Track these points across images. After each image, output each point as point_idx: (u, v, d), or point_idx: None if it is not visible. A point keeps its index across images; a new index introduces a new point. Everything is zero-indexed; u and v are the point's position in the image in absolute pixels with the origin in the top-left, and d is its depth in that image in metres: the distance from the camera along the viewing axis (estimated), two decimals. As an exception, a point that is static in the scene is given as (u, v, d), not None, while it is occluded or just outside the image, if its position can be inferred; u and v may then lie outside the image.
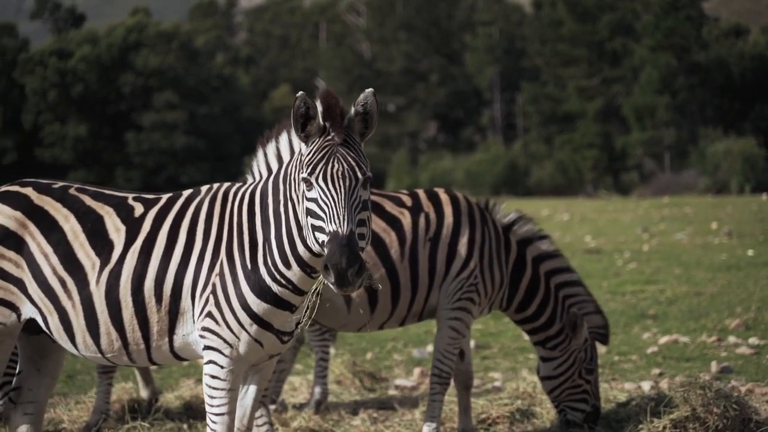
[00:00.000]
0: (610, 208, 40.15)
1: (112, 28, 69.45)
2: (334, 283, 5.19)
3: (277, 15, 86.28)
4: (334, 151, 5.46)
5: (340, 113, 5.53)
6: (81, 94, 65.42)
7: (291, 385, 10.46)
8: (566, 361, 8.25)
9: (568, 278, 8.35)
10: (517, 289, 8.19)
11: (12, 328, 6.13)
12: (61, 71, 65.08)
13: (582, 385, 8.30)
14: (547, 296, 8.24)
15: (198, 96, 67.22)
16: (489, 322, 14.49)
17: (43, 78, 65.01)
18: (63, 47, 66.81)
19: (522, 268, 8.19)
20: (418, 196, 8.08)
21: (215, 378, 5.85)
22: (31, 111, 65.54)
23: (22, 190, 6.23)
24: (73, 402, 9.57)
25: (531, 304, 8.22)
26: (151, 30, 68.53)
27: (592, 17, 62.40)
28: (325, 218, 5.31)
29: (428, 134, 77.36)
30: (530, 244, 8.27)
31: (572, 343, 8.24)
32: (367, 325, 7.91)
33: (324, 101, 5.55)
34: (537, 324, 8.28)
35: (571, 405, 8.33)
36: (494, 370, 11.20)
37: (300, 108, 5.49)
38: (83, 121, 65.25)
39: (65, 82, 65.16)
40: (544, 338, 8.31)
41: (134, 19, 70.30)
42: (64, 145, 64.58)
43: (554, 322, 8.27)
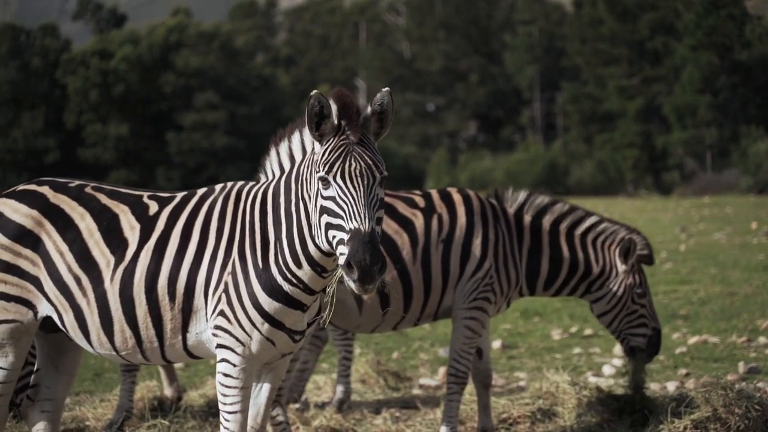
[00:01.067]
0: (650, 208, 39.93)
1: (153, 28, 69.90)
2: (357, 280, 5.19)
3: (317, 15, 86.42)
4: (351, 150, 5.47)
5: (356, 112, 5.55)
6: (122, 94, 65.85)
7: (315, 384, 10.48)
8: (616, 293, 8.23)
9: (590, 222, 8.33)
10: (538, 272, 8.17)
11: (29, 326, 6.18)
12: (102, 71, 65.54)
13: (637, 310, 8.29)
14: (574, 254, 8.22)
15: (238, 96, 67.47)
16: (518, 321, 14.49)
17: (85, 78, 65.50)
18: (104, 47, 67.29)
19: (538, 251, 8.16)
20: (431, 197, 8.06)
21: (228, 376, 5.88)
22: (73, 111, 66.08)
23: (39, 189, 6.28)
24: (98, 400, 9.64)
25: (557, 278, 8.21)
26: (191, 30, 68.90)
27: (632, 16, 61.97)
28: (345, 216, 5.32)
29: (468, 134, 77.24)
30: (545, 213, 8.25)
31: (618, 274, 8.22)
32: (380, 326, 7.90)
33: (339, 100, 5.56)
34: (572, 284, 8.28)
35: (632, 332, 8.33)
36: (520, 370, 11.19)
37: (315, 107, 5.50)
38: (124, 121, 65.67)
39: (107, 82, 65.60)
40: (587, 287, 8.30)
41: (175, 19, 70.72)
42: (106, 145, 65.01)
43: (591, 269, 8.25)
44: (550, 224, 8.23)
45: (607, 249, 8.28)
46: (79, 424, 8.93)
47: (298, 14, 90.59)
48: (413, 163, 67.81)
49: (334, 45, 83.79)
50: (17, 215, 6.16)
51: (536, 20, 74.23)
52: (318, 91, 5.57)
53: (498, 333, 13.63)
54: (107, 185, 6.38)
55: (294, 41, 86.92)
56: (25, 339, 6.23)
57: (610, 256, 8.26)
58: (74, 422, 8.97)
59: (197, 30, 69.10)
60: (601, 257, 8.27)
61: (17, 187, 6.41)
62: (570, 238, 8.25)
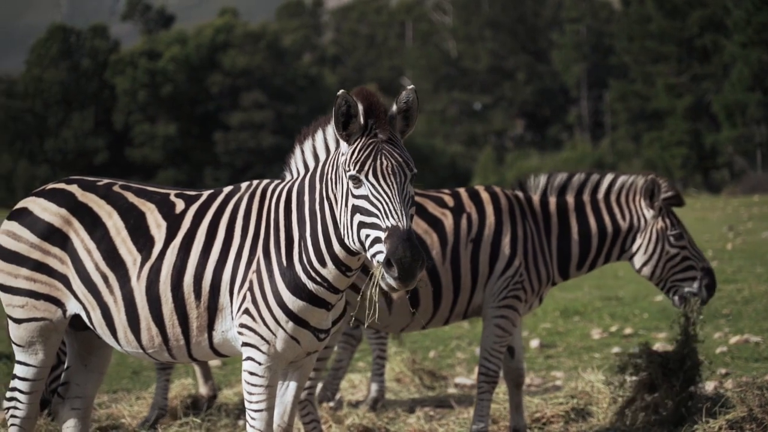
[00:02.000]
0: (698, 206, 39.59)
1: (201, 28, 70.29)
2: (397, 278, 5.17)
3: (364, 14, 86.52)
4: (380, 148, 5.47)
5: (383, 111, 5.54)
6: (170, 94, 66.29)
7: (350, 383, 10.48)
8: (649, 241, 8.08)
9: (608, 181, 8.22)
10: (569, 255, 8.09)
11: (58, 324, 6.22)
12: (150, 72, 66.02)
13: (678, 253, 8.09)
14: (601, 221, 8.11)
15: (285, 96, 67.69)
16: (558, 321, 14.41)
17: (133, 78, 66.00)
18: (152, 48, 67.81)
19: (567, 233, 8.09)
20: (460, 196, 8.02)
21: (253, 374, 5.87)
22: (121, 111, 66.63)
23: (68, 188, 6.32)
24: (134, 398, 9.69)
25: (589, 253, 8.11)
26: (238, 30, 69.23)
27: (681, 13, 61.46)
28: (380, 214, 5.31)
29: (515, 132, 77.00)
30: (567, 189, 8.19)
31: (647, 222, 8.09)
32: (409, 326, 7.88)
33: (365, 99, 5.55)
34: (604, 252, 8.16)
35: (679, 278, 8.13)
36: (557, 370, 11.12)
37: (342, 106, 5.49)
38: (172, 121, 66.11)
39: (155, 82, 66.09)
40: (620, 248, 8.17)
41: (222, 19, 71.07)
42: (154, 145, 65.48)
43: (620, 228, 8.13)
44: (573, 198, 8.16)
45: (631, 201, 8.15)
46: (114, 422, 8.99)
47: (344, 13, 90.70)
48: (460, 162, 67.73)
49: (381, 44, 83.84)
50: (46, 214, 6.20)
51: (584, 18, 73.80)
52: (344, 90, 5.54)
53: (537, 332, 13.57)
54: (135, 183, 6.40)
55: (340, 41, 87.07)
56: (54, 337, 6.27)
57: (636, 206, 8.14)
58: (109, 419, 9.03)
59: (244, 30, 69.41)
60: (627, 211, 8.14)
61: (47, 186, 6.45)
62: (595, 204, 8.15)
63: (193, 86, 67.42)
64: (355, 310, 6.90)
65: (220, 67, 67.48)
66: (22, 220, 6.24)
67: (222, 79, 67.23)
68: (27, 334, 6.23)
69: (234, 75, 67.31)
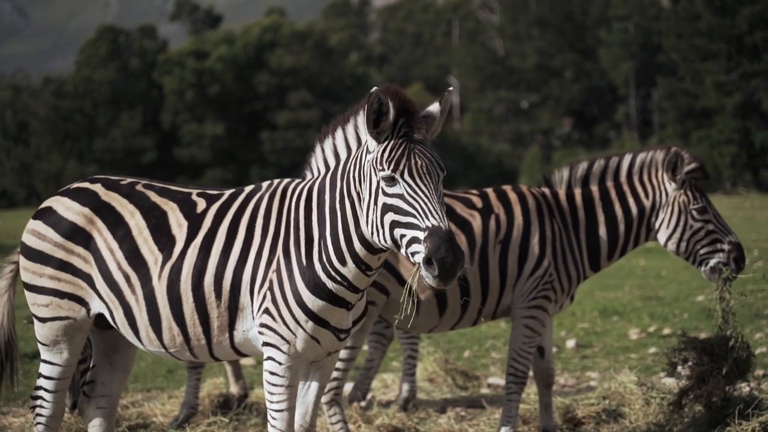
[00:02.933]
0: (747, 205, 39.21)
1: (248, 28, 70.57)
2: (438, 276, 5.16)
3: (411, 13, 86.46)
4: (412, 147, 5.46)
5: (415, 110, 5.53)
6: (217, 93, 66.58)
7: (383, 383, 10.45)
8: (671, 215, 7.93)
9: (627, 161, 8.09)
10: (599, 247, 7.97)
11: (82, 323, 6.24)
12: (198, 71, 66.36)
13: (702, 227, 7.90)
14: (625, 205, 7.99)
15: (331, 95, 67.79)
16: (596, 321, 14.30)
17: (181, 78, 66.38)
18: (200, 48, 68.14)
19: (594, 224, 7.99)
20: (488, 197, 7.95)
21: (274, 374, 5.85)
22: (169, 111, 67.05)
23: (92, 187, 6.35)
24: (167, 396, 9.72)
25: (617, 241, 7.98)
26: (285, 30, 69.41)
27: (730, 10, 60.83)
28: (418, 214, 5.29)
29: (562, 131, 76.59)
30: (589, 178, 8.09)
31: (668, 195, 7.94)
32: (437, 327, 7.84)
33: (396, 98, 5.52)
34: (632, 237, 8.02)
35: (707, 250, 7.92)
36: (592, 370, 11.02)
37: (374, 104, 5.45)
38: (220, 121, 66.40)
39: (202, 82, 66.43)
40: (646, 228, 8.02)
41: (269, 19, 71.33)
42: (201, 144, 65.79)
43: (644, 207, 8.00)
44: (597, 186, 8.07)
45: (653, 177, 8.01)
46: (144, 420, 9.01)
47: (391, 12, 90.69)
48: (506, 160, 67.51)
49: (427, 43, 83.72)
50: (70, 213, 6.23)
51: (632, 16, 73.20)
52: (377, 88, 5.51)
53: (575, 332, 13.47)
54: (158, 183, 6.41)
55: (387, 39, 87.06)
56: (78, 336, 6.30)
57: (657, 181, 7.99)
58: (140, 417, 9.05)
59: (291, 29, 69.58)
60: (650, 188, 8.01)
61: (72, 185, 6.48)
62: (619, 189, 8.04)
63: (240, 86, 67.67)
64: (400, 313, 6.86)
65: (267, 67, 67.70)
66: (46, 219, 6.28)
67: (269, 79, 67.43)
68: (52, 333, 6.26)
69: (281, 74, 67.50)
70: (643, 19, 73.52)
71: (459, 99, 74.78)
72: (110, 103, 68.10)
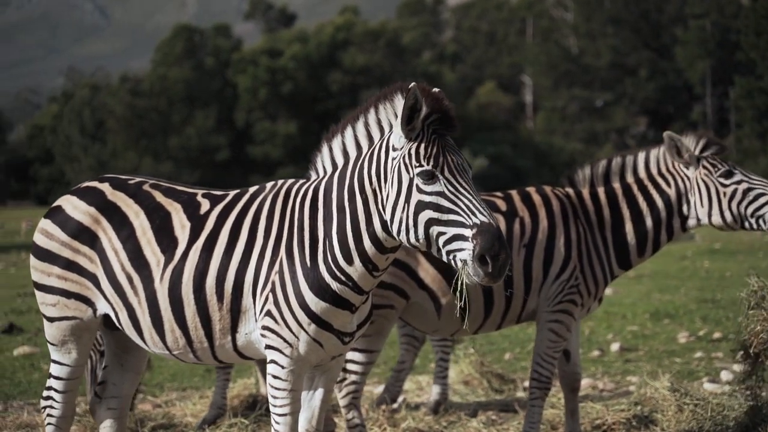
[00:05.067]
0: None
1: (321, 27, 70.79)
2: (490, 274, 5.05)
3: (485, 11, 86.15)
4: (444, 144, 5.36)
5: (449, 107, 5.45)
6: (291, 92, 66.89)
7: (418, 384, 10.35)
8: (701, 193, 7.61)
9: (643, 157, 7.85)
10: (627, 245, 7.75)
11: (89, 323, 6.21)
12: (271, 70, 66.70)
13: (736, 189, 7.54)
14: (649, 198, 7.75)
15: (404, 93, 67.67)
16: (647, 323, 14.06)
17: (255, 76, 66.76)
18: (273, 46, 68.51)
19: (620, 222, 7.77)
20: (512, 199, 7.79)
21: (277, 378, 5.75)
22: (243, 109, 67.48)
23: (99, 186, 6.32)
24: (198, 396, 9.70)
25: (647, 236, 7.73)
26: (358, 28, 69.52)
27: (811, 7, 59.73)
28: (463, 211, 5.16)
29: (637, 130, 75.79)
30: (610, 176, 7.88)
31: (689, 178, 7.66)
32: (459, 330, 7.71)
33: (429, 95, 5.43)
34: (663, 230, 7.75)
35: (755, 206, 7.51)
36: (633, 374, 10.78)
37: (410, 100, 5.34)
38: (292, 119, 66.69)
39: (275, 80, 66.75)
40: (679, 218, 7.73)
41: (343, 18, 71.47)
42: (275, 143, 66.13)
43: (669, 198, 7.73)
44: (619, 183, 7.87)
45: (671, 166, 7.76)
46: (169, 420, 8.99)
47: (465, 11, 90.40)
48: (579, 159, 66.83)
49: (501, 41, 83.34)
50: (76, 212, 6.21)
51: (709, 13, 72.23)
52: (414, 84, 5.41)
53: (622, 335, 13.25)
54: (165, 182, 6.36)
55: (460, 38, 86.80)
56: (86, 336, 6.27)
57: (675, 170, 7.73)
58: (164, 418, 9.03)
59: (364, 28, 69.67)
60: (669, 177, 7.75)
61: (82, 184, 6.47)
62: (640, 184, 7.81)
63: (313, 84, 67.90)
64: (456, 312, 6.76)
65: (339, 65, 67.87)
66: (54, 219, 6.27)
67: (342, 77, 67.57)
68: (59, 332, 6.24)
69: (353, 73, 67.62)
70: (720, 16, 72.50)
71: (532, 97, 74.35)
72: (185, 102, 68.74)
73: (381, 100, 5.75)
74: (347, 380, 7.55)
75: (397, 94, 5.66)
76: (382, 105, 5.72)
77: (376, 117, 5.72)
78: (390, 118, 5.63)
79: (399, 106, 5.54)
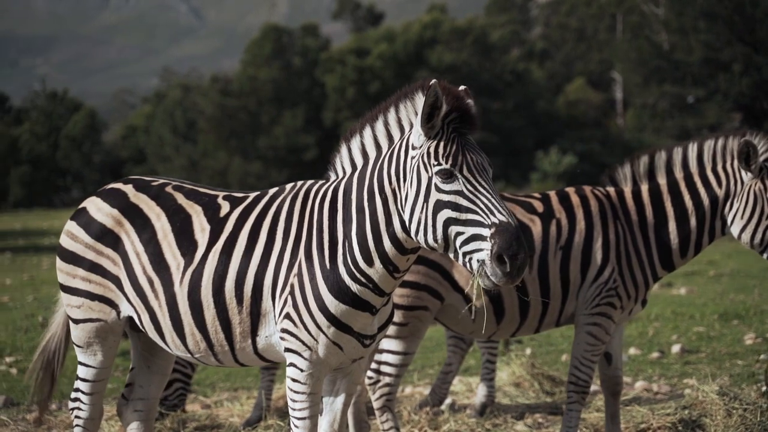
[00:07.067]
0: None
1: (409, 25, 70.73)
2: (508, 274, 4.97)
3: (574, 7, 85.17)
4: (464, 143, 5.30)
5: (470, 107, 5.39)
6: (378, 90, 66.80)
7: (468, 386, 10.25)
8: (746, 205, 7.36)
9: (695, 152, 7.58)
10: (670, 245, 7.54)
11: (114, 326, 6.24)
12: (359, 69, 66.81)
13: None
14: (696, 196, 7.50)
15: (491, 91, 67.38)
16: (714, 324, 13.75)
17: (342, 76, 66.94)
18: (361, 46, 68.62)
19: (664, 221, 7.55)
20: (550, 200, 7.64)
21: (296, 381, 5.71)
22: (330, 108, 67.67)
23: (123, 188, 6.35)
24: (245, 397, 9.72)
25: (690, 237, 7.51)
26: (445, 26, 69.31)
27: None
28: (482, 211, 5.10)
29: (731, 126, 74.44)
30: (654, 171, 7.66)
31: (744, 184, 7.39)
32: (496, 333, 7.60)
33: (451, 93, 5.37)
34: (706, 231, 7.53)
35: None
36: (691, 377, 10.53)
37: (431, 98, 5.27)
38: (381, 118, 66.64)
39: (363, 79, 66.83)
40: (721, 219, 7.49)
41: (430, 16, 71.31)
42: (363, 142, 66.15)
43: (716, 198, 7.48)
44: (665, 179, 7.63)
45: (728, 165, 7.47)
46: (212, 422, 9.01)
47: (554, 7, 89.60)
48: (670, 157, 65.93)
49: (590, 37, 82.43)
50: (100, 214, 6.24)
51: (806, 6, 70.66)
52: (435, 81, 5.35)
53: (687, 336, 12.98)
54: (188, 184, 6.36)
55: (549, 35, 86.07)
56: (111, 338, 6.30)
57: (731, 170, 7.45)
58: (208, 419, 9.05)
59: (451, 26, 69.44)
60: (723, 176, 7.47)
61: (108, 185, 6.50)
62: (689, 179, 7.57)
63: (400, 82, 67.05)
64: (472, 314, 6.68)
65: (426, 63, 67.67)
66: (79, 220, 6.31)
67: (429, 75, 67.34)
68: (84, 334, 6.28)
69: (440, 71, 67.29)
70: (818, 9, 70.85)
71: (622, 94, 73.49)
72: (273, 102, 69.12)
73: (401, 99, 5.71)
74: (381, 382, 7.49)
75: (418, 92, 5.61)
76: (402, 103, 5.67)
77: (396, 116, 5.67)
78: (410, 116, 5.58)
79: (419, 104, 5.47)
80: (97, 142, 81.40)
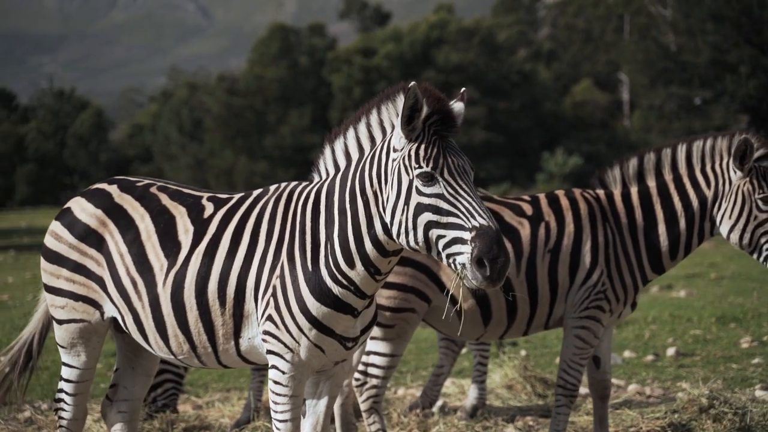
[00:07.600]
0: None
1: (416, 25, 70.72)
2: (488, 278, 4.96)
3: (582, 8, 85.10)
4: (445, 146, 5.28)
5: (450, 109, 5.38)
6: (384, 90, 66.88)
7: (460, 388, 10.22)
8: (734, 205, 7.31)
9: (684, 152, 7.50)
10: (659, 248, 7.49)
11: (97, 326, 6.23)
12: (365, 69, 66.81)
13: (767, 219, 7.25)
14: (685, 198, 7.45)
15: (498, 91, 67.36)
16: (711, 327, 13.71)
17: (349, 76, 66.94)
18: (368, 45, 68.63)
19: (653, 224, 7.50)
20: (539, 203, 7.62)
21: (278, 384, 5.70)
22: (337, 108, 67.67)
23: (108, 188, 6.34)
24: (236, 398, 9.71)
25: (679, 239, 7.45)
26: (452, 26, 69.29)
27: None
28: (462, 214, 5.08)
29: (738, 128, 74.31)
30: (644, 173, 7.59)
31: (732, 184, 7.33)
32: (484, 335, 7.57)
33: (430, 95, 5.37)
34: (696, 232, 7.47)
35: None
36: (685, 380, 10.49)
37: (410, 100, 5.26)
38: (387, 118, 66.61)
39: (369, 79, 66.81)
40: (710, 221, 7.44)
41: (437, 16, 71.30)
42: (369, 142, 66.14)
43: (705, 199, 7.42)
44: (655, 181, 7.57)
45: (717, 166, 7.42)
46: (201, 422, 9.00)
47: (561, 8, 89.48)
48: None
49: (597, 38, 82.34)
50: (84, 214, 6.24)
51: (813, 8, 70.52)
52: (414, 83, 5.34)
53: (683, 339, 12.95)
54: (173, 184, 6.35)
55: (556, 35, 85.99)
56: (95, 339, 6.30)
57: (721, 170, 7.39)
58: (198, 419, 9.04)
59: (458, 26, 69.42)
60: (712, 177, 7.41)
61: (93, 185, 6.50)
62: (678, 181, 7.51)
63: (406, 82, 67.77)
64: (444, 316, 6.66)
65: (433, 64, 67.66)
66: (63, 221, 6.30)
67: (435, 75, 67.23)
68: (68, 335, 6.28)
69: (447, 71, 67.33)
70: (825, 11, 70.72)
71: (629, 95, 73.41)
72: (280, 101, 69.16)
73: (383, 101, 5.69)
74: (368, 384, 7.48)
75: (399, 94, 5.59)
76: (384, 105, 5.66)
77: (378, 117, 5.65)
78: (392, 118, 5.56)
79: (401, 106, 5.45)
80: (103, 140, 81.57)
